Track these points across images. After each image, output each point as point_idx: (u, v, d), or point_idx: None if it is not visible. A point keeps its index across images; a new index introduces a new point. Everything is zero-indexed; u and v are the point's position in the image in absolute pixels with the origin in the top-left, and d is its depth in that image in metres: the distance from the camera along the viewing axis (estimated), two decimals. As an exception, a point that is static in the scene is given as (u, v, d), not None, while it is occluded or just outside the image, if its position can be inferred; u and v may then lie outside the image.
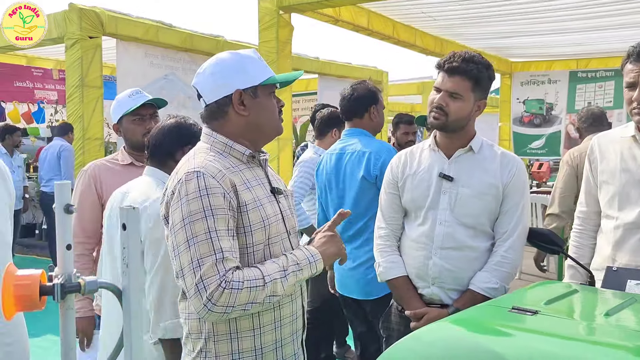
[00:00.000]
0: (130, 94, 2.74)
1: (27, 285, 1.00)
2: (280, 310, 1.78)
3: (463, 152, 2.28)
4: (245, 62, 1.80)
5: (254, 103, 1.79)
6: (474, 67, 2.19)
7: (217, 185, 1.65)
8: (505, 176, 2.25)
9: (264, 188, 1.81)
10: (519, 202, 2.26)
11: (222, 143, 1.79)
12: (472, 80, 2.19)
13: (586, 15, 7.95)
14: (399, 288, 2.36)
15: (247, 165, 1.80)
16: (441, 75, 2.22)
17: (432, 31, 9.36)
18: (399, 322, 2.44)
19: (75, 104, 7.49)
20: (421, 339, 1.45)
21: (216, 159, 1.74)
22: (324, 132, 4.23)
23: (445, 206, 2.24)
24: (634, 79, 2.21)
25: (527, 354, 1.30)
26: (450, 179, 2.24)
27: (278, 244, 1.79)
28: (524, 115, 12.29)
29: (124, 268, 1.06)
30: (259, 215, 1.73)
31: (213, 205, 1.63)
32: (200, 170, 1.66)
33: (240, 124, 1.79)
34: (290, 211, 1.92)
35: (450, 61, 2.20)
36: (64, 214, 1.05)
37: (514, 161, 2.32)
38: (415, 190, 2.32)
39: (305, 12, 6.83)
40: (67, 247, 1.05)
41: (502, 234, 2.25)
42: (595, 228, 2.49)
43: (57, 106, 11.65)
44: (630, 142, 2.32)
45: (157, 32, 8.16)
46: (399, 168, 2.39)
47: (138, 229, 1.06)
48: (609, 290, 1.95)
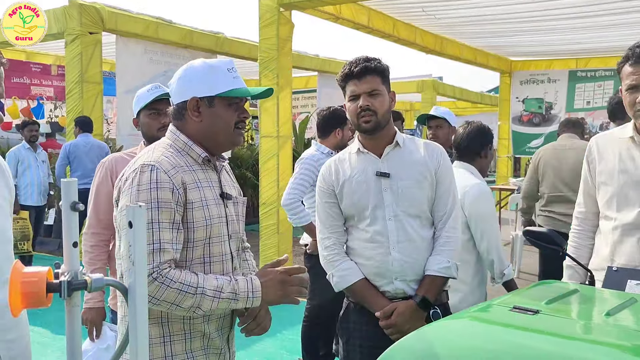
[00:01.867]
0: (149, 88, 2.79)
1: (34, 282, 1.01)
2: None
3: (391, 149, 2.37)
4: (211, 71, 1.90)
5: (209, 112, 1.89)
6: (376, 63, 2.32)
7: (167, 180, 1.77)
8: (433, 163, 2.36)
9: (213, 191, 1.92)
10: (450, 184, 2.39)
11: (182, 142, 1.91)
12: (379, 75, 2.32)
13: (586, 14, 7.95)
14: (360, 291, 2.36)
15: (201, 167, 1.91)
16: (352, 83, 2.32)
17: (432, 29, 9.36)
18: (358, 321, 2.43)
19: (75, 100, 7.50)
20: (422, 339, 1.46)
21: (174, 155, 1.86)
22: (328, 131, 4.22)
23: (390, 202, 2.31)
24: (636, 82, 2.20)
25: (528, 354, 1.31)
26: (387, 176, 2.32)
27: (218, 244, 1.88)
28: (523, 114, 12.29)
29: (130, 266, 1.06)
30: (202, 214, 1.83)
31: (160, 199, 1.75)
32: (155, 164, 1.79)
33: (196, 129, 1.91)
34: (236, 217, 2.01)
35: (355, 66, 2.30)
36: (71, 211, 1.06)
37: (437, 148, 2.43)
38: (355, 194, 2.36)
39: (306, 9, 6.83)
40: (74, 245, 1.05)
41: (441, 216, 2.36)
42: (594, 229, 2.50)
43: (57, 102, 11.63)
44: (628, 143, 2.32)
45: (157, 28, 8.17)
46: (332, 176, 2.43)
47: (144, 227, 1.07)
48: (610, 290, 1.96)
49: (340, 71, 2.39)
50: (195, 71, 1.92)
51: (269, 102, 6.65)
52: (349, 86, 2.35)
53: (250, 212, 11.66)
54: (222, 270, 1.90)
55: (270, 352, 4.86)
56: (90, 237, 2.73)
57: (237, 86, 1.91)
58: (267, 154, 6.71)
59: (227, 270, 1.92)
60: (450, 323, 1.56)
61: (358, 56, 2.38)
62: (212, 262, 1.87)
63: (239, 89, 1.90)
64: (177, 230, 1.77)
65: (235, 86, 1.90)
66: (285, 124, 6.75)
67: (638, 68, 2.19)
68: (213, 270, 1.88)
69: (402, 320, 2.24)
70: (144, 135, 2.81)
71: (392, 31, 8.47)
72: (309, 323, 4.21)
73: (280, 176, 6.66)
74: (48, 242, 8.94)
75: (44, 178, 7.56)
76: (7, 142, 10.57)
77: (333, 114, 4.24)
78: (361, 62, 2.32)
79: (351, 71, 2.32)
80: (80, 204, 1.06)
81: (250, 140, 13.65)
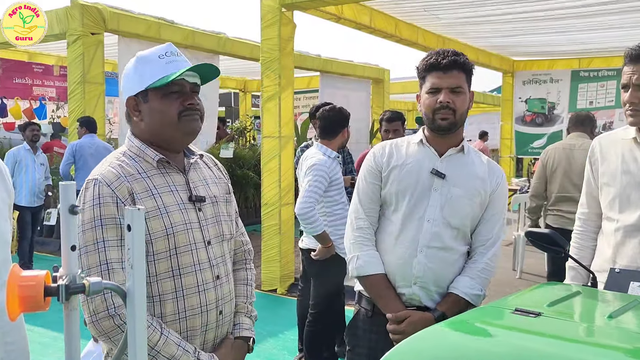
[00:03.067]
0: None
1: (31, 286, 1.00)
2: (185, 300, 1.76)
3: (455, 152, 2.22)
4: (139, 64, 1.75)
5: (146, 108, 1.74)
6: (465, 59, 2.17)
7: (110, 194, 1.65)
8: (492, 183, 2.23)
9: (177, 195, 1.76)
10: (502, 211, 2.26)
11: (136, 147, 1.78)
12: (466, 73, 2.17)
13: (589, 14, 7.94)
14: (377, 286, 2.20)
15: (160, 170, 1.76)
16: (435, 75, 2.14)
17: (435, 29, 9.35)
18: (367, 329, 2.29)
19: (77, 101, 7.51)
20: (424, 341, 1.45)
21: (125, 164, 1.73)
22: (335, 132, 4.13)
23: (435, 204, 2.16)
24: (627, 81, 2.22)
25: (530, 356, 1.30)
26: (443, 176, 2.16)
27: (187, 254, 1.74)
28: (526, 114, 12.28)
29: (129, 269, 1.06)
30: (160, 223, 1.69)
31: (103, 215, 1.63)
32: (98, 177, 1.68)
33: (141, 129, 1.77)
34: (216, 219, 1.85)
35: (443, 58, 2.14)
36: (69, 214, 1.05)
37: (499, 171, 2.31)
38: (402, 182, 2.19)
39: (308, 9, 6.82)
40: (72, 248, 1.05)
41: (487, 240, 2.22)
42: (596, 230, 2.48)
43: (59, 102, 11.65)
44: (631, 143, 2.31)
45: (159, 28, 8.18)
46: (383, 157, 2.26)
47: (143, 230, 1.06)
48: (612, 292, 1.95)
49: (424, 59, 2.20)
50: (127, 68, 1.78)
51: (271, 102, 6.65)
52: (430, 77, 2.16)
53: (252, 212, 11.67)
54: (198, 281, 1.75)
55: (271, 352, 4.85)
56: None
57: (171, 71, 1.71)
58: (268, 155, 6.71)
59: (206, 281, 1.77)
60: (452, 325, 1.55)
61: (444, 48, 2.21)
62: (182, 274, 1.72)
63: (168, 75, 1.70)
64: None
65: (167, 72, 1.70)
66: (287, 124, 6.74)
67: (632, 67, 2.21)
68: (185, 283, 1.73)
69: (412, 331, 2.11)
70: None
71: (394, 31, 8.46)
72: (313, 328, 4.19)
73: (282, 176, 6.65)
74: (49, 243, 8.95)
75: (40, 180, 7.58)
76: (9, 143, 10.59)
77: (340, 114, 4.14)
78: (450, 54, 2.14)
79: (438, 62, 2.14)
80: (78, 206, 1.06)
81: (253, 141, 13.65)
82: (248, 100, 16.92)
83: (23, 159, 7.46)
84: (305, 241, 4.17)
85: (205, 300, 1.78)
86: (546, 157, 5.13)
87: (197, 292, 1.76)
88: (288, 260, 6.75)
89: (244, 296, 1.99)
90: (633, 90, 2.20)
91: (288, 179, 6.70)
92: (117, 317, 1.61)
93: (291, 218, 6.80)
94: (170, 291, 1.72)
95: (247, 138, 13.68)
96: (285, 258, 6.69)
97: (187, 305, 1.74)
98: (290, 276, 6.75)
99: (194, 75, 1.78)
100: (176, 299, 1.73)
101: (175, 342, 1.68)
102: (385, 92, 12.67)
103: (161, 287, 1.71)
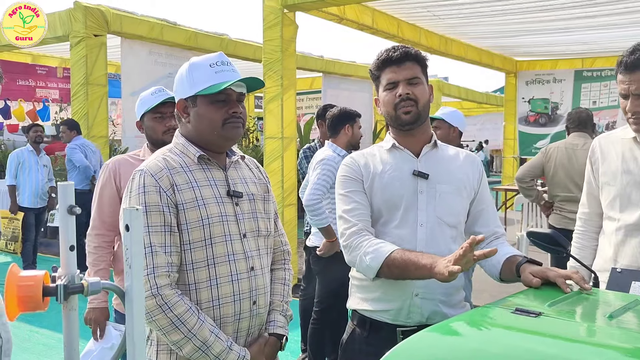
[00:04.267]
0: (153, 91, 2.81)
1: (30, 286, 1.01)
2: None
3: (429, 149, 2.13)
4: (192, 70, 1.88)
5: (194, 112, 1.88)
6: (416, 51, 2.12)
7: (154, 183, 1.79)
8: (476, 174, 2.16)
9: (216, 189, 1.88)
10: (491, 200, 2.22)
11: (180, 144, 1.92)
12: (419, 64, 2.10)
13: (591, 14, 7.92)
14: (401, 258, 1.88)
15: (201, 166, 1.89)
16: (390, 70, 2.07)
17: (437, 30, 9.34)
18: (364, 351, 2.09)
19: (80, 102, 7.52)
20: (424, 341, 1.45)
21: (169, 158, 1.87)
22: (337, 129, 4.22)
23: (424, 206, 2.03)
24: (625, 92, 2.21)
25: (531, 357, 1.30)
26: (426, 176, 2.05)
27: (222, 244, 1.84)
28: (529, 114, 12.26)
29: (127, 269, 1.06)
30: (197, 214, 1.81)
31: (148, 203, 1.77)
32: (144, 169, 1.83)
33: (187, 130, 1.92)
34: (252, 214, 1.96)
35: (394, 52, 2.08)
36: (67, 215, 1.05)
37: (476, 159, 2.23)
38: (387, 190, 2.06)
39: (310, 10, 6.82)
40: (71, 248, 1.05)
41: (496, 231, 2.13)
42: (597, 229, 2.48)
43: (62, 104, 11.68)
44: (631, 143, 2.31)
45: (161, 30, 8.18)
46: (360, 167, 2.11)
47: (141, 230, 1.06)
48: (613, 292, 1.94)
49: (375, 58, 2.14)
50: (181, 72, 1.91)
51: (273, 104, 6.65)
52: (385, 74, 2.09)
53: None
54: (231, 271, 1.84)
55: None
56: (94, 238, 2.75)
57: (219, 80, 1.83)
58: (271, 155, 6.71)
59: (240, 271, 1.86)
60: (452, 325, 1.55)
61: (393, 45, 2.14)
62: (216, 263, 1.82)
63: (217, 84, 1.82)
64: (170, 233, 1.77)
65: (216, 81, 1.83)
66: (289, 125, 6.74)
67: (628, 76, 2.19)
68: (219, 272, 1.82)
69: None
70: (148, 138, 2.83)
71: (397, 32, 8.45)
72: (318, 326, 4.20)
73: (285, 177, 6.66)
74: (54, 244, 8.97)
75: (43, 182, 7.60)
76: (13, 145, 10.63)
77: (342, 111, 4.24)
78: (400, 48, 2.09)
79: (389, 56, 2.08)
80: (76, 207, 1.06)
81: (255, 142, 13.66)
82: (251, 101, 16.95)
83: (26, 160, 7.49)
84: (313, 239, 4.22)
85: (239, 289, 1.86)
86: (547, 156, 5.11)
87: (231, 281, 1.85)
88: (291, 261, 6.75)
89: (280, 295, 2.08)
90: (634, 99, 2.19)
91: (291, 180, 6.70)
92: (159, 297, 1.71)
93: (294, 219, 6.80)
94: (205, 279, 1.82)
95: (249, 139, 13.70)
96: (288, 259, 6.69)
97: (221, 294, 1.83)
98: (294, 277, 6.75)
99: (241, 85, 1.90)
100: (210, 287, 1.82)
101: (210, 328, 1.77)
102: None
103: (197, 275, 1.81)
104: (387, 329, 2.03)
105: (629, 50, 2.21)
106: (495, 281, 2.14)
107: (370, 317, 2.08)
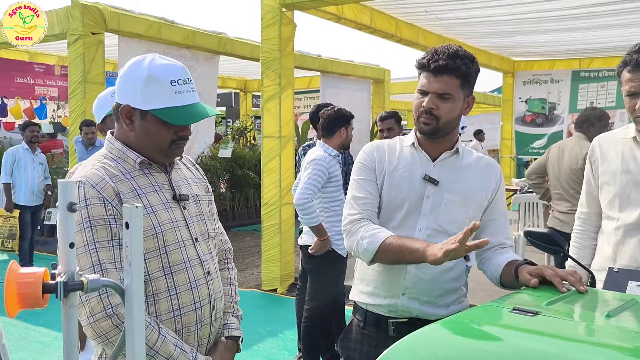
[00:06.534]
0: (112, 92, 2.69)
1: (30, 283, 1.01)
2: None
3: (449, 155, 2.09)
4: (150, 82, 1.70)
5: (140, 125, 1.74)
6: (461, 63, 1.97)
7: (96, 195, 1.65)
8: (492, 183, 2.11)
9: (162, 194, 1.79)
10: (506, 210, 2.17)
11: (117, 149, 1.79)
12: (460, 78, 1.98)
13: (589, 14, 7.94)
14: (396, 243, 1.91)
15: (142, 171, 1.78)
16: (425, 76, 2.00)
17: (435, 30, 9.35)
18: (359, 340, 2.17)
19: (78, 100, 7.50)
20: (421, 340, 1.45)
21: (107, 165, 1.74)
22: (333, 131, 4.22)
23: (427, 212, 2.02)
24: (636, 89, 2.18)
25: (528, 356, 1.30)
26: (436, 183, 2.03)
27: (177, 251, 1.76)
28: (527, 114, 12.28)
29: (127, 267, 1.06)
30: (148, 222, 1.71)
31: (92, 216, 1.64)
32: (82, 179, 1.67)
33: (129, 138, 1.79)
34: (200, 217, 1.88)
35: (435, 60, 1.98)
36: (67, 212, 1.05)
37: (496, 168, 2.17)
38: (392, 190, 2.06)
39: (308, 9, 6.82)
40: (70, 246, 1.05)
41: (504, 242, 2.11)
42: (596, 229, 2.49)
43: (60, 102, 11.65)
44: (631, 143, 2.31)
45: (159, 28, 8.17)
46: (376, 157, 2.11)
47: (141, 227, 1.06)
48: (610, 292, 1.95)
49: (421, 57, 2.06)
50: (137, 75, 1.72)
51: (271, 103, 6.65)
52: (421, 77, 2.02)
53: (253, 212, 11.68)
54: (190, 278, 1.78)
55: (271, 351, 4.86)
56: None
57: (177, 104, 1.71)
58: (269, 155, 6.71)
59: (197, 277, 1.80)
60: (450, 324, 1.55)
61: (445, 47, 2.03)
62: (173, 272, 1.74)
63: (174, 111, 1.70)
64: (119, 247, 1.65)
65: (174, 103, 1.70)
66: (287, 124, 6.74)
67: (636, 75, 2.17)
68: (178, 281, 1.75)
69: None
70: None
71: (395, 31, 8.46)
72: (309, 324, 4.22)
73: (283, 176, 6.66)
74: (50, 242, 8.96)
75: (39, 179, 7.60)
76: (9, 142, 10.61)
77: (338, 113, 4.24)
78: (444, 57, 1.97)
79: (428, 64, 1.98)
80: (76, 204, 1.06)
81: (253, 141, 13.65)
82: (249, 100, 16.94)
83: (21, 158, 7.49)
84: (304, 238, 4.23)
85: (199, 296, 1.81)
86: (547, 155, 5.27)
87: (190, 288, 1.78)
88: (288, 260, 6.76)
89: (229, 296, 2.02)
90: None
91: (288, 178, 6.71)
92: (115, 317, 1.61)
93: (291, 218, 6.81)
94: (164, 289, 1.74)
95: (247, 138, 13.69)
96: (286, 258, 6.70)
97: (182, 302, 1.76)
98: (291, 276, 6.75)
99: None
100: (170, 297, 1.74)
101: (173, 342, 1.70)
102: (386, 92, 12.66)
103: (155, 286, 1.72)
104: (381, 321, 2.10)
105: (634, 48, 2.19)
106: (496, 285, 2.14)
107: (366, 308, 2.15)
